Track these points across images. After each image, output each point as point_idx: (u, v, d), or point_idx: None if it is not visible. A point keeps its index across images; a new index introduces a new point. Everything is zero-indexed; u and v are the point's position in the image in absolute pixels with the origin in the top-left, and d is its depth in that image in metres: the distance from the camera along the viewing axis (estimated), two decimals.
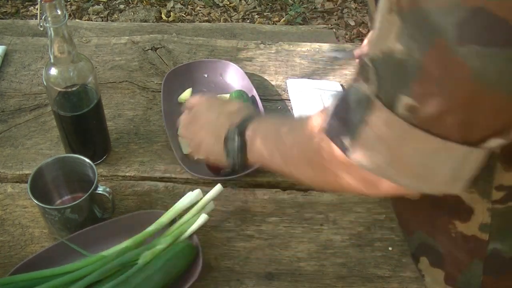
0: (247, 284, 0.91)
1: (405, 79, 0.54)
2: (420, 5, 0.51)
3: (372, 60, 0.57)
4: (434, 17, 0.50)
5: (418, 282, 0.91)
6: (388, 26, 0.55)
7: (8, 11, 2.65)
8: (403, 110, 0.55)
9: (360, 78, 0.59)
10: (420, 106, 0.54)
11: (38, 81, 1.22)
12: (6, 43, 1.30)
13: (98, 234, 0.92)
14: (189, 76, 1.21)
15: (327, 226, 0.98)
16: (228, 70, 1.21)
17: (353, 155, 0.61)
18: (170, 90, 1.17)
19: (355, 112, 0.59)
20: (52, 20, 0.86)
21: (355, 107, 0.59)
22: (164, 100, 1.14)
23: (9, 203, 1.00)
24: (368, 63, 0.58)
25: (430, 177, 0.58)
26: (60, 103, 0.97)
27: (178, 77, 1.19)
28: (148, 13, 2.64)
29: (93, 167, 0.94)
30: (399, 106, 0.56)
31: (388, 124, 0.57)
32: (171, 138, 1.08)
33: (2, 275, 0.89)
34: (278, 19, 2.68)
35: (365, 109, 0.58)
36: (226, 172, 1.02)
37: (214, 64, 1.22)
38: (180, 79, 1.19)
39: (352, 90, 0.60)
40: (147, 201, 1.01)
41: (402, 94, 0.55)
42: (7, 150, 1.09)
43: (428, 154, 0.56)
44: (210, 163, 1.03)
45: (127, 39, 1.32)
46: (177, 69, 1.21)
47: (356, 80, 0.60)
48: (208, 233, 0.96)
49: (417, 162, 0.57)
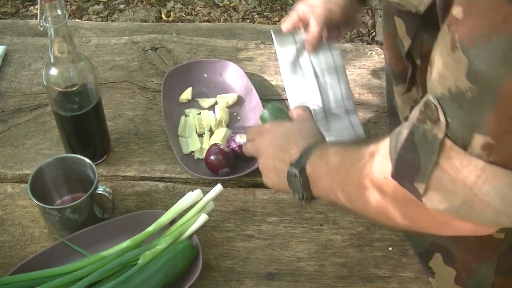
0: (247, 284, 0.91)
1: (479, 117, 0.53)
2: (490, 41, 0.50)
3: (438, 100, 0.56)
4: (507, 51, 0.49)
5: (418, 282, 0.91)
6: (453, 64, 0.53)
7: (8, 11, 2.64)
8: (479, 149, 0.54)
9: (426, 118, 0.57)
10: (497, 144, 0.53)
11: (38, 81, 1.22)
12: (6, 43, 1.30)
13: (98, 234, 0.92)
14: (189, 76, 1.21)
15: (327, 226, 0.98)
16: (228, 70, 1.21)
17: (427, 199, 0.59)
18: (170, 90, 1.17)
19: (425, 154, 0.58)
20: (52, 20, 0.86)
21: (424, 149, 0.58)
22: (164, 99, 1.14)
23: (9, 203, 1.00)
24: (434, 103, 0.56)
25: (511, 212, 0.56)
26: (60, 103, 0.97)
27: (178, 77, 1.19)
28: (148, 13, 2.64)
29: (93, 167, 0.94)
30: (474, 146, 0.54)
31: (464, 164, 0.55)
32: (171, 138, 1.08)
33: (2, 275, 0.89)
34: (278, 19, 2.68)
35: (436, 151, 0.56)
36: (225, 172, 1.02)
37: (214, 63, 1.23)
38: (180, 79, 1.19)
39: (418, 131, 0.58)
40: (147, 201, 1.01)
41: (476, 133, 0.53)
42: (7, 150, 1.09)
43: (508, 190, 0.55)
44: (209, 163, 1.03)
45: (127, 39, 1.32)
46: (177, 69, 1.21)
47: (421, 120, 0.58)
48: (208, 233, 0.96)
49: (497, 198, 0.55)
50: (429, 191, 0.58)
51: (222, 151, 1.03)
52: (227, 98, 1.17)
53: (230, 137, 1.06)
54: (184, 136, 1.11)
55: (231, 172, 1.04)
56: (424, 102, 0.58)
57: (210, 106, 1.17)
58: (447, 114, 0.55)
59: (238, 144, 1.04)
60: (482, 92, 0.52)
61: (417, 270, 0.93)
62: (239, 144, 1.04)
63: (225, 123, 1.13)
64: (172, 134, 1.09)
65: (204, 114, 1.13)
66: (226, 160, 1.02)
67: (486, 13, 0.50)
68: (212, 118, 1.12)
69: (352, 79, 1.24)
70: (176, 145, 1.08)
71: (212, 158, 1.02)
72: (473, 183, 0.55)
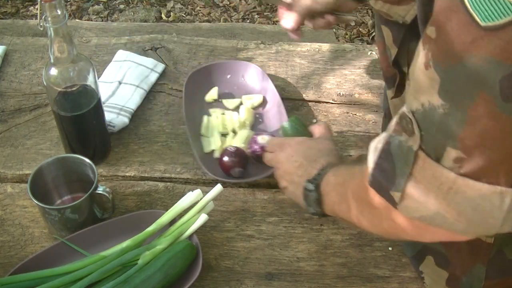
0: (247, 284, 0.91)
1: (451, 132, 0.54)
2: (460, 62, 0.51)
3: (413, 113, 0.58)
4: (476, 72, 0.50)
5: (418, 282, 0.91)
6: (427, 81, 0.55)
7: (8, 11, 2.65)
8: (451, 162, 0.56)
9: (401, 130, 0.59)
10: (468, 158, 0.54)
11: (38, 81, 1.22)
12: (6, 43, 1.30)
13: (98, 234, 0.92)
14: (212, 76, 1.20)
15: (327, 226, 0.98)
16: (250, 72, 1.21)
17: (402, 208, 0.61)
18: (192, 90, 1.16)
19: (400, 164, 0.60)
20: (52, 20, 0.86)
21: (399, 159, 0.60)
22: (186, 99, 1.14)
23: (9, 203, 1.00)
24: (409, 116, 0.58)
25: (483, 221, 0.58)
26: (60, 103, 0.97)
27: (200, 77, 1.19)
28: (148, 13, 2.64)
29: (93, 167, 0.94)
30: (446, 159, 0.56)
31: (436, 176, 0.57)
32: (192, 138, 1.07)
33: (2, 275, 0.89)
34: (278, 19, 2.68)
35: (411, 162, 0.58)
36: (238, 172, 1.02)
37: (236, 65, 1.22)
38: (203, 79, 1.19)
39: (394, 142, 0.60)
40: (147, 201, 1.01)
41: (449, 147, 0.55)
42: (7, 150, 1.09)
43: (480, 200, 0.56)
44: (221, 163, 1.02)
45: (127, 39, 1.32)
46: (200, 70, 1.20)
47: (397, 131, 0.60)
48: (208, 233, 0.96)
49: (469, 208, 0.57)
50: (404, 200, 0.60)
51: (234, 152, 1.02)
52: (253, 99, 1.16)
53: (252, 139, 1.05)
54: (206, 136, 1.11)
55: (251, 173, 1.03)
56: (400, 114, 0.60)
57: (235, 107, 1.16)
58: (421, 127, 0.57)
59: (260, 145, 1.02)
60: (453, 109, 0.53)
61: None
62: (260, 146, 1.02)
63: (249, 124, 1.13)
64: (193, 134, 1.09)
65: (228, 115, 1.13)
66: (238, 160, 1.01)
67: (457, 34, 0.51)
68: (236, 119, 1.12)
69: (352, 79, 1.24)
70: (197, 144, 1.07)
71: (225, 159, 1.02)
72: (445, 193, 0.57)
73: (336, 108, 1.17)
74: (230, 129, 1.11)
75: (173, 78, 1.23)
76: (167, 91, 1.21)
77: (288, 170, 0.90)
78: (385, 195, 0.63)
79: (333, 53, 1.30)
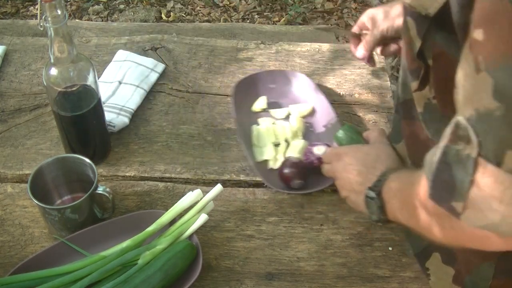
0: (247, 284, 0.91)
1: (509, 135, 0.54)
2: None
3: (468, 120, 0.57)
4: None
5: (418, 282, 0.91)
6: (478, 86, 0.54)
7: (8, 11, 2.65)
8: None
9: (457, 139, 0.59)
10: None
11: (38, 81, 1.22)
12: (6, 43, 1.30)
13: (98, 234, 0.92)
14: (258, 85, 1.19)
15: (327, 226, 0.98)
16: (297, 81, 1.20)
17: (465, 218, 0.60)
18: (240, 99, 1.15)
19: (459, 174, 0.59)
20: (52, 20, 0.86)
21: (458, 169, 0.59)
22: (236, 108, 1.13)
23: (9, 203, 1.00)
24: (464, 123, 0.57)
25: None
26: (60, 103, 0.97)
27: (247, 86, 1.18)
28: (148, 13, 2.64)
29: (93, 167, 0.94)
30: (507, 162, 0.55)
31: (499, 181, 0.56)
32: (245, 146, 1.07)
33: (2, 275, 0.89)
34: (278, 19, 2.68)
35: (471, 170, 0.58)
36: (298, 184, 1.01)
37: (283, 74, 1.21)
38: (250, 88, 1.18)
39: (451, 152, 0.60)
40: (147, 201, 1.01)
41: (509, 150, 0.55)
42: (7, 150, 1.09)
43: None
44: (282, 174, 1.02)
45: (127, 39, 1.32)
46: (246, 79, 1.19)
47: (452, 141, 0.59)
48: (208, 233, 0.96)
49: None
50: (467, 210, 0.59)
51: (296, 164, 1.02)
52: (301, 108, 1.16)
53: (307, 149, 1.04)
54: (258, 146, 1.10)
55: (307, 184, 1.02)
56: (454, 123, 0.59)
57: (283, 116, 1.16)
58: (478, 134, 0.56)
59: (316, 157, 1.02)
60: (510, 111, 0.53)
61: (417, 270, 0.93)
62: (317, 157, 1.02)
63: (301, 134, 1.12)
64: (246, 142, 1.09)
65: (279, 125, 1.13)
66: (300, 172, 1.01)
67: (508, 33, 0.51)
68: (288, 129, 1.11)
69: (352, 79, 1.24)
70: (249, 153, 1.07)
71: (286, 171, 1.01)
72: (510, 199, 0.56)
73: (336, 108, 1.16)
74: (282, 139, 1.10)
75: (173, 78, 1.23)
76: (167, 91, 1.21)
77: (348, 179, 0.90)
78: (446, 207, 0.62)
79: (333, 53, 1.30)
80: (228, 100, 1.19)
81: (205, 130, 1.14)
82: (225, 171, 1.06)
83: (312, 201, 1.02)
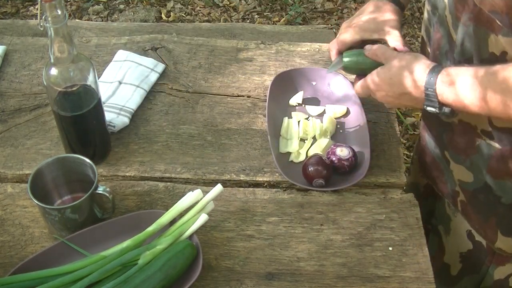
0: (247, 284, 0.91)
1: None
2: None
3: None
4: None
5: (418, 282, 0.91)
6: None
7: (8, 11, 2.65)
8: None
9: None
10: None
11: (38, 81, 1.22)
12: (6, 43, 1.30)
13: (98, 234, 0.92)
14: (297, 81, 1.20)
15: (327, 226, 0.98)
16: (336, 81, 1.20)
17: None
18: (276, 92, 1.17)
19: None
20: (52, 20, 0.86)
21: None
22: (270, 99, 1.14)
23: (9, 203, 1.00)
24: None
25: None
26: (60, 103, 0.97)
27: (286, 81, 1.19)
28: (148, 13, 2.64)
29: (93, 167, 0.94)
30: None
31: None
32: (271, 138, 1.08)
33: (2, 275, 0.89)
34: (278, 19, 2.68)
35: None
36: (319, 183, 1.02)
37: (323, 73, 1.21)
38: (289, 82, 1.19)
39: None
40: (147, 201, 1.01)
41: None
42: (7, 150, 1.09)
43: None
44: (306, 171, 1.02)
45: (127, 39, 1.32)
46: (286, 72, 1.20)
47: None
48: (208, 233, 0.96)
49: None
50: None
51: (323, 162, 1.02)
52: (336, 109, 1.16)
53: (331, 149, 1.05)
54: (285, 137, 1.11)
55: (326, 184, 1.03)
56: None
57: (318, 114, 1.16)
58: None
59: (338, 157, 1.03)
60: None
61: (417, 270, 0.93)
62: (338, 158, 1.03)
63: (330, 134, 1.13)
64: (273, 135, 1.10)
65: (311, 121, 1.13)
66: (324, 171, 1.02)
67: None
68: (318, 127, 1.12)
69: (352, 79, 1.24)
70: (274, 143, 1.08)
71: (311, 169, 1.02)
72: None
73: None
74: (310, 135, 1.11)
75: (173, 78, 1.23)
76: (167, 91, 1.21)
77: (393, 103, 0.97)
78: None
79: None
80: (228, 100, 1.19)
81: (205, 130, 1.14)
82: (225, 171, 1.06)
83: (312, 201, 1.02)
